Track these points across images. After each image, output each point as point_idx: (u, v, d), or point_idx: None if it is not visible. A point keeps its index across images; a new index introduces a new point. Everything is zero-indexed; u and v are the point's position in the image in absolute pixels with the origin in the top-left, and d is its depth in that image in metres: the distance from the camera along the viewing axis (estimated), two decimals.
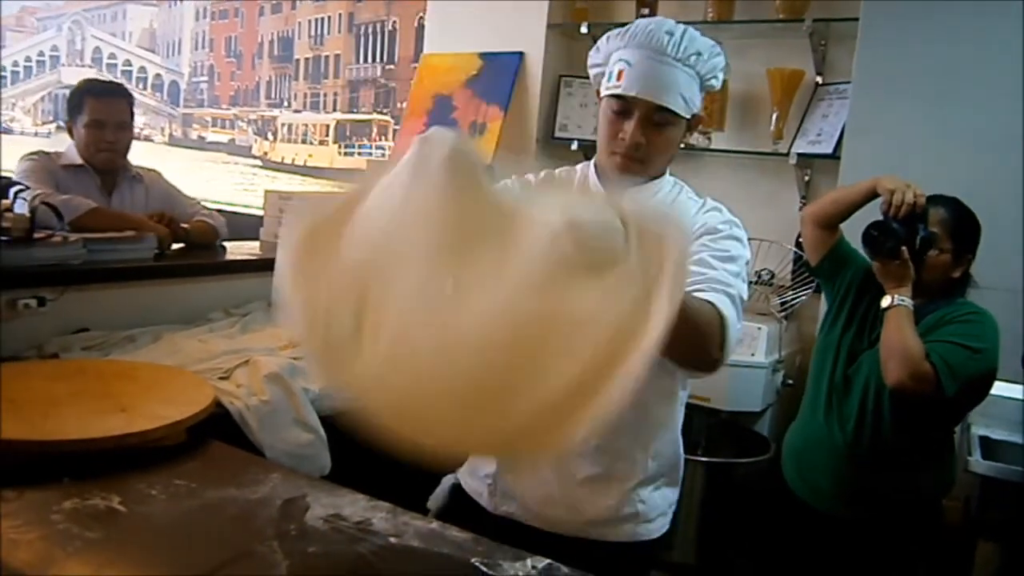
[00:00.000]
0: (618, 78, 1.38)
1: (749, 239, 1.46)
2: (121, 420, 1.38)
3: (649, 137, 1.39)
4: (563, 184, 1.54)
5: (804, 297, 2.77)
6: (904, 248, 1.88)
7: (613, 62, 1.41)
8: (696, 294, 1.24)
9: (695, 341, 1.19)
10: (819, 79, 2.98)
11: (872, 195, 1.97)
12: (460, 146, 0.96)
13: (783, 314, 2.80)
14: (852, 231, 2.03)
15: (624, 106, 1.39)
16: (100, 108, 2.52)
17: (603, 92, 1.43)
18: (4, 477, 1.21)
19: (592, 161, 1.52)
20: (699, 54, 1.38)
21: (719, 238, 1.38)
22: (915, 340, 1.85)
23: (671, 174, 1.52)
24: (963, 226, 1.95)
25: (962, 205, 1.97)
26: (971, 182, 2.08)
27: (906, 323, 1.86)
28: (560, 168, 1.58)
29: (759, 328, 2.73)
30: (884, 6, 2.58)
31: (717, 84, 1.44)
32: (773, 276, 2.90)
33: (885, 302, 1.91)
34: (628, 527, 1.47)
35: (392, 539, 1.13)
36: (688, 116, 1.41)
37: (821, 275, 2.20)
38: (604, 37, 1.46)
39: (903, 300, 1.88)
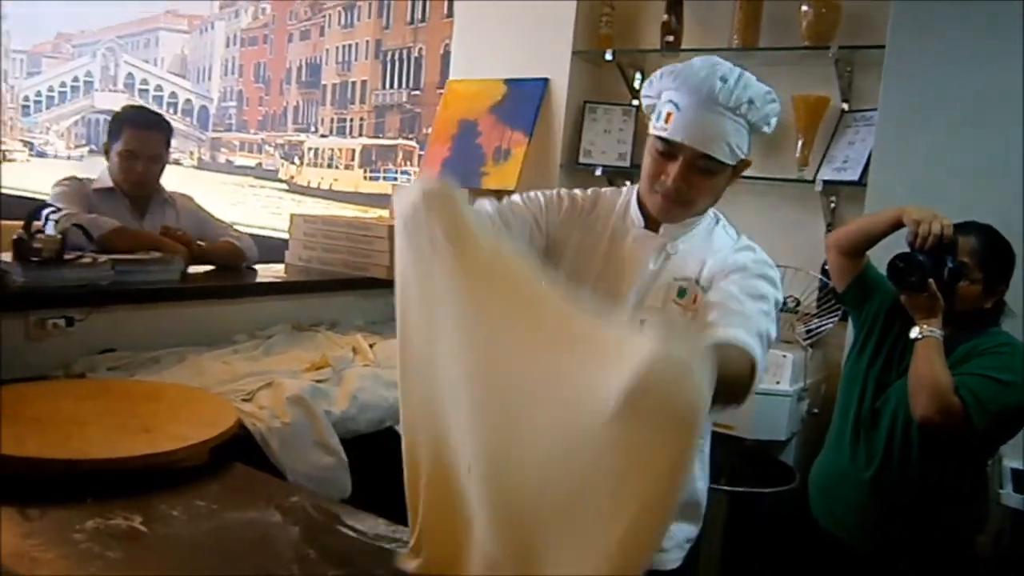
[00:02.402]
0: (666, 120, 1.37)
1: (776, 265, 1.45)
2: (145, 440, 1.39)
3: (691, 182, 1.39)
4: (606, 205, 1.54)
5: (830, 325, 2.74)
6: (931, 281, 1.84)
7: (663, 101, 1.40)
8: (726, 328, 1.24)
9: (725, 391, 1.18)
10: (845, 106, 2.97)
11: (897, 224, 1.93)
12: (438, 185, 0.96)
13: (808, 342, 2.77)
14: (881, 257, 2.00)
15: (669, 149, 1.38)
16: (136, 139, 2.55)
17: (651, 130, 1.42)
18: (29, 495, 1.22)
19: (636, 188, 1.52)
20: (751, 102, 1.36)
21: (749, 276, 1.37)
22: (944, 373, 1.81)
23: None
24: (995, 255, 1.91)
25: (995, 233, 1.93)
26: (1000, 209, 2.06)
27: (935, 355, 1.83)
28: (607, 188, 1.59)
29: (784, 356, 2.69)
30: (910, 33, 2.56)
31: (769, 130, 1.42)
32: (799, 304, 2.87)
33: (914, 333, 1.87)
34: None
35: None
36: (734, 163, 1.40)
37: (847, 303, 2.17)
38: (658, 72, 1.44)
39: (932, 332, 1.85)
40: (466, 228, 0.95)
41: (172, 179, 2.81)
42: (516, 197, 1.53)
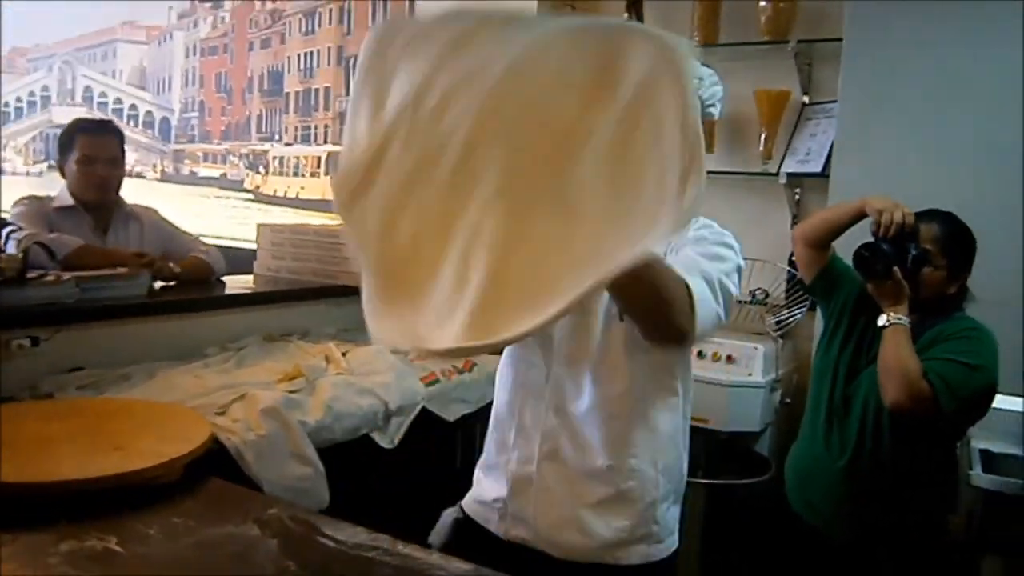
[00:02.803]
0: None
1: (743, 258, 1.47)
2: (117, 459, 1.37)
3: None
4: None
5: (799, 315, 2.78)
6: (896, 268, 1.88)
7: None
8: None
9: (671, 294, 1.20)
10: (806, 99, 3.01)
11: (861, 215, 1.97)
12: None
13: (778, 333, 2.80)
14: (846, 249, 2.04)
15: None
16: (91, 144, 2.53)
17: None
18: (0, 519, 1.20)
19: None
20: (700, 79, 1.40)
21: (708, 243, 1.40)
22: (913, 359, 1.84)
23: None
24: (957, 241, 1.95)
25: (956, 220, 1.97)
26: (961, 196, 2.10)
27: (903, 342, 1.86)
28: None
29: (755, 348, 2.73)
30: (866, 25, 2.61)
31: (716, 112, 1.47)
32: (767, 295, 2.91)
33: (881, 321, 1.90)
34: (642, 548, 1.46)
35: (392, 571, 1.12)
36: None
37: (816, 294, 2.20)
38: None
39: (900, 319, 1.88)
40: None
41: (135, 192, 2.78)
42: None
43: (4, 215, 2.52)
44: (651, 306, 1.20)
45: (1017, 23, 2.38)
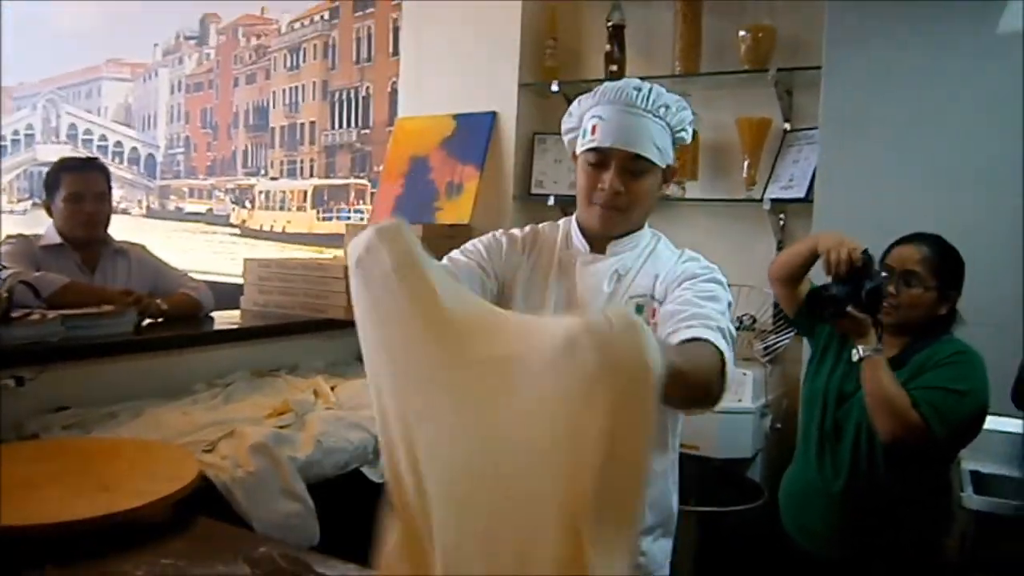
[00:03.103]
0: (592, 132, 1.43)
1: (729, 285, 1.48)
2: (104, 499, 1.35)
3: (628, 186, 1.43)
4: (547, 241, 1.56)
5: (787, 340, 2.79)
6: (851, 307, 1.87)
7: (587, 120, 1.46)
8: (687, 330, 1.26)
9: (698, 386, 1.21)
10: (787, 126, 3.05)
11: (814, 253, 1.97)
12: (373, 243, 0.94)
13: (767, 358, 2.81)
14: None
15: (601, 158, 1.43)
16: (77, 181, 2.53)
17: (579, 149, 1.47)
18: None
19: (573, 217, 1.54)
20: (667, 107, 1.44)
21: (700, 281, 1.41)
22: (896, 389, 1.84)
23: (649, 226, 1.54)
24: (946, 262, 1.96)
25: (944, 242, 1.98)
26: (945, 219, 2.12)
27: (882, 373, 1.86)
28: (543, 223, 1.61)
29: (744, 373, 2.73)
30: (844, 53, 2.65)
31: (687, 137, 1.49)
32: (755, 321, 2.92)
33: (855, 356, 1.90)
34: None
35: None
36: (663, 166, 1.44)
37: (798, 328, 2.22)
38: (576, 101, 1.52)
39: (870, 350, 1.88)
40: (416, 260, 0.94)
41: (122, 229, 2.77)
42: (455, 253, 1.54)
43: None
44: (691, 391, 1.21)
45: (994, 47, 2.43)
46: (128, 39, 5.75)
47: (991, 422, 1.99)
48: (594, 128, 1.43)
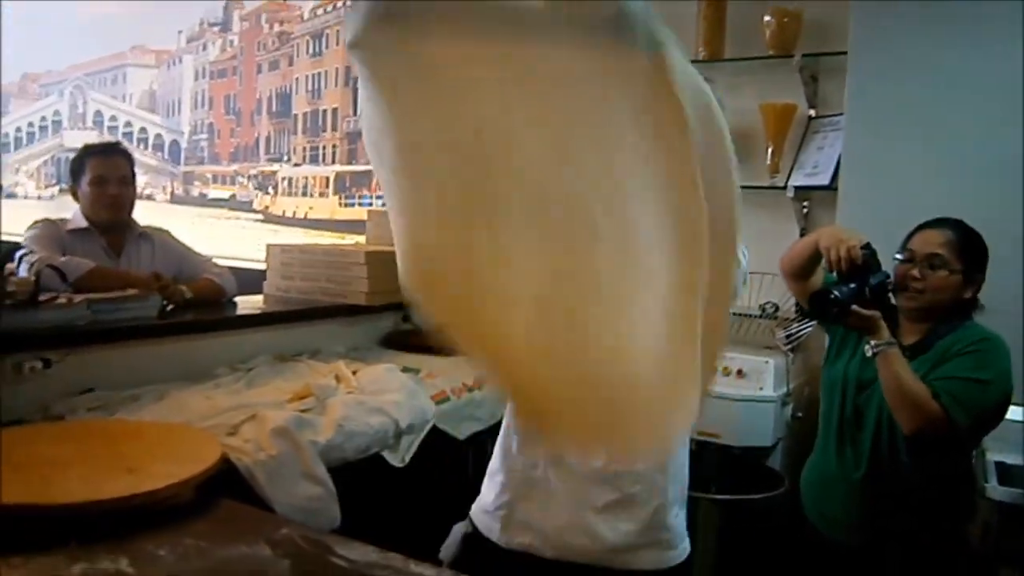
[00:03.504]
0: None
1: (751, 273, 1.47)
2: (128, 480, 1.37)
3: None
4: None
5: (809, 329, 2.76)
6: (855, 306, 1.85)
7: None
8: None
9: None
10: (812, 112, 3.01)
11: (816, 250, 1.96)
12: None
13: (789, 347, 2.79)
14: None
15: None
16: (102, 165, 2.56)
17: None
18: (11, 543, 1.20)
19: None
20: None
21: None
22: (914, 382, 1.82)
23: None
24: (971, 244, 1.94)
25: (967, 226, 1.96)
26: (969, 206, 2.08)
27: (898, 366, 1.84)
28: None
29: (766, 362, 2.71)
30: (870, 38, 2.61)
31: None
32: (777, 309, 2.90)
33: (868, 352, 1.88)
34: (653, 554, 1.45)
35: None
36: None
37: (815, 319, 2.20)
38: None
39: (883, 344, 1.85)
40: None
41: (147, 214, 2.79)
42: None
43: (16, 239, 2.54)
44: None
45: (1021, 33, 2.38)
46: (153, 26, 5.79)
47: (1016, 412, 1.97)
48: None
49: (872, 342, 1.87)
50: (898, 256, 1.98)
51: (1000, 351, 1.88)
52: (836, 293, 1.86)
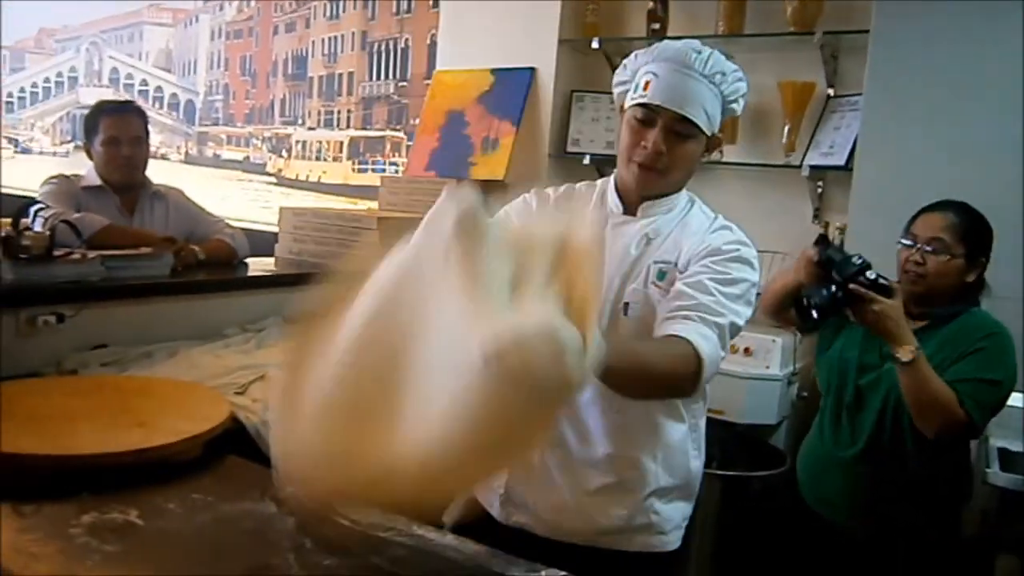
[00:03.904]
0: (644, 88, 1.41)
1: (761, 251, 1.47)
2: (139, 435, 1.39)
3: (670, 147, 1.41)
4: (581, 199, 1.55)
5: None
6: (855, 285, 1.82)
7: (640, 75, 1.43)
8: (677, 323, 1.29)
9: (656, 387, 1.30)
10: (831, 91, 2.98)
11: (789, 283, 1.98)
12: (472, 210, 0.97)
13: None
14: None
15: (648, 115, 1.41)
16: (115, 124, 2.56)
17: (628, 104, 1.44)
18: (23, 491, 1.23)
19: (612, 177, 1.53)
20: (724, 73, 1.41)
21: (723, 259, 1.39)
22: (943, 389, 1.81)
23: (686, 190, 1.53)
24: (974, 226, 1.93)
25: (970, 208, 1.95)
26: (986, 192, 2.07)
27: (928, 375, 1.81)
28: (580, 183, 1.60)
29: (773, 340, 2.72)
30: (895, 17, 2.58)
31: (738, 109, 1.47)
32: None
33: (904, 358, 1.82)
34: (641, 537, 1.47)
35: (407, 551, 1.14)
36: (708, 133, 1.42)
37: (803, 331, 2.24)
38: (632, 55, 1.49)
39: (909, 354, 1.81)
40: (477, 259, 0.96)
41: (160, 174, 2.80)
42: None
43: (30, 194, 2.56)
44: (655, 391, 1.34)
45: None
46: None
47: (1017, 399, 1.98)
48: (647, 84, 1.40)
49: (899, 352, 1.82)
50: (902, 241, 1.97)
51: (1008, 346, 1.89)
52: (808, 298, 1.85)
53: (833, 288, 1.84)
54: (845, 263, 1.85)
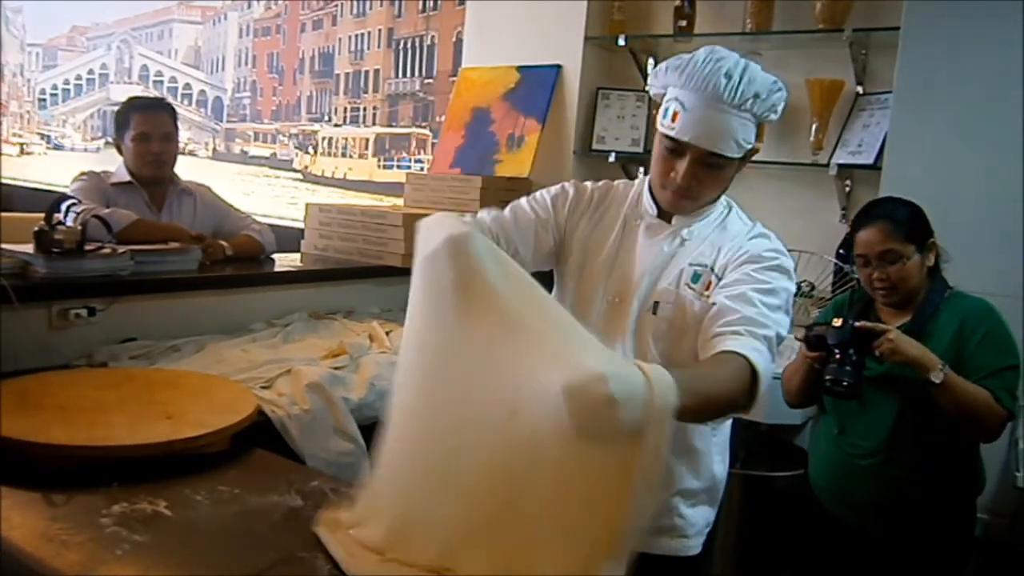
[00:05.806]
0: (673, 119, 1.37)
1: (789, 250, 1.46)
2: (167, 427, 1.41)
3: (700, 178, 1.40)
4: (616, 200, 1.55)
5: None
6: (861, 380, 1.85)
7: (669, 98, 1.40)
8: (728, 339, 1.26)
9: (717, 411, 1.27)
10: (860, 89, 2.95)
11: (802, 362, 2.02)
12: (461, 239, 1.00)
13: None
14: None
15: (677, 147, 1.39)
16: (145, 121, 2.59)
17: (659, 126, 1.42)
18: (55, 481, 1.25)
19: (647, 179, 1.52)
20: (757, 96, 1.35)
21: (762, 268, 1.37)
22: (978, 394, 1.83)
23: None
24: (910, 222, 1.95)
25: (893, 203, 1.99)
26: (1015, 191, 2.05)
27: (962, 388, 1.82)
28: (619, 180, 1.59)
29: (799, 339, 2.69)
30: (926, 14, 2.54)
31: (776, 117, 1.41)
32: (813, 288, 2.87)
33: (936, 380, 1.82)
34: (664, 540, 1.47)
35: None
36: (741, 156, 1.40)
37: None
38: (663, 66, 1.43)
39: (941, 374, 1.81)
40: (479, 279, 0.99)
41: (187, 170, 2.83)
42: (522, 201, 1.56)
43: (61, 190, 2.60)
44: (719, 412, 1.31)
45: None
46: None
47: None
48: (675, 115, 1.36)
49: (932, 375, 1.82)
50: (854, 265, 1.99)
51: (1003, 323, 1.91)
52: (834, 380, 1.86)
53: (847, 353, 1.86)
54: (835, 332, 1.89)
